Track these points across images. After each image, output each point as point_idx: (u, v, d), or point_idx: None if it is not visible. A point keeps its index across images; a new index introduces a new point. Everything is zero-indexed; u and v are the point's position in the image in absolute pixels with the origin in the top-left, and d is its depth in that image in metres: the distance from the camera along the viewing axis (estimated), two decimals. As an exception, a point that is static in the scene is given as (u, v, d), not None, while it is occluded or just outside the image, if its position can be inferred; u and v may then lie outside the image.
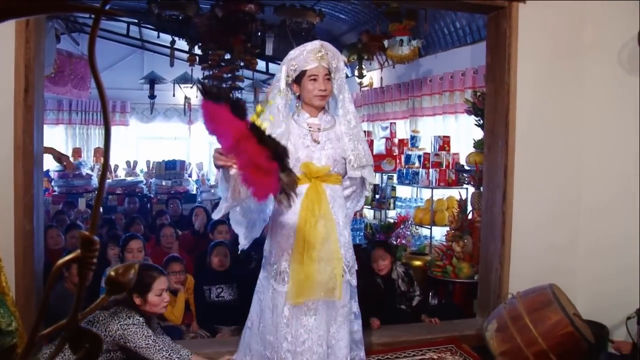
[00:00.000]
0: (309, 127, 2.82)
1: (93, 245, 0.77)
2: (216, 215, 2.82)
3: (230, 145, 2.27)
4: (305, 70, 2.74)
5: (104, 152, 0.78)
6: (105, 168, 0.80)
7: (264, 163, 2.18)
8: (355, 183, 2.99)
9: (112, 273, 0.83)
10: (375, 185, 7.32)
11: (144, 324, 2.99)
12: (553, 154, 4.14)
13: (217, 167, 2.51)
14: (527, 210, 4.05)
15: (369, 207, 7.48)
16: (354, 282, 2.89)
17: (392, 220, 6.68)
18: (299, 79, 2.78)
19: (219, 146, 2.38)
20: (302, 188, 2.72)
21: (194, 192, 9.67)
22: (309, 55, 2.73)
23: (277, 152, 2.25)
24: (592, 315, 3.91)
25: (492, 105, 4.15)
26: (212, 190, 9.60)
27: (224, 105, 2.21)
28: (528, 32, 4.00)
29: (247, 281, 4.58)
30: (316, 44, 2.77)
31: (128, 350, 2.93)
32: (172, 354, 2.94)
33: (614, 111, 4.02)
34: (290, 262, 2.74)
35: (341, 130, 2.86)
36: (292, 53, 2.79)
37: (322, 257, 2.72)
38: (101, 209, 8.22)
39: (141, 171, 10.32)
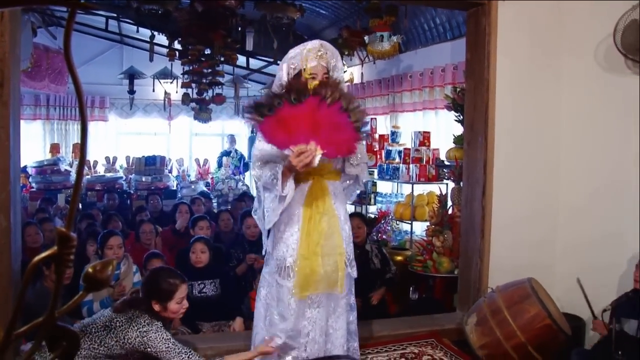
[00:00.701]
0: None
1: (70, 242, 0.76)
2: (268, 226, 2.93)
3: (304, 132, 2.59)
4: (305, 69, 2.81)
5: (80, 147, 0.77)
6: (82, 163, 0.80)
7: (344, 125, 2.59)
8: (350, 178, 3.07)
9: (90, 270, 0.82)
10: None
11: (162, 327, 2.89)
12: (532, 150, 4.18)
13: (303, 167, 2.61)
14: (507, 205, 4.10)
15: (350, 202, 7.49)
16: (354, 274, 2.99)
17: (372, 216, 6.72)
18: (298, 77, 2.84)
19: (291, 150, 2.60)
20: (306, 185, 2.86)
21: (175, 188, 9.61)
22: (308, 54, 2.81)
23: (346, 103, 2.69)
24: (569, 308, 3.98)
25: (472, 101, 4.18)
26: (193, 186, 9.54)
27: (274, 114, 2.61)
28: (507, 29, 4.04)
29: (229, 278, 4.59)
30: (316, 43, 2.86)
31: (148, 356, 2.84)
32: (191, 356, 2.86)
33: (592, 108, 4.07)
34: (295, 257, 2.82)
35: None
36: (292, 52, 2.88)
37: (326, 252, 2.83)
38: (80, 205, 8.18)
39: (121, 167, 10.22)
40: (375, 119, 7.41)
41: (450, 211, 5.11)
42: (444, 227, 5.00)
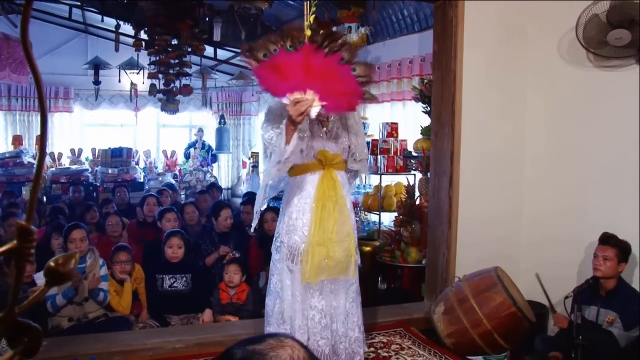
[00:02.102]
0: (318, 117, 2.96)
1: (30, 236, 0.74)
2: (266, 180, 2.99)
3: (300, 80, 2.61)
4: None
5: (40, 138, 0.75)
6: (42, 156, 0.78)
7: (346, 77, 2.63)
8: (351, 172, 3.22)
9: (52, 264, 0.80)
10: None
11: None
12: (498, 141, 4.25)
13: (299, 116, 2.63)
14: (473, 195, 4.15)
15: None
16: (359, 261, 3.12)
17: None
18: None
19: (288, 98, 2.62)
20: (317, 175, 2.97)
21: (142, 180, 9.49)
22: None
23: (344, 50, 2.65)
24: (533, 296, 4.06)
25: (439, 93, 4.22)
26: (160, 178, 9.44)
27: (270, 60, 2.63)
28: (474, 21, 4.08)
29: (201, 271, 4.56)
30: None
31: None
32: None
33: (556, 99, 4.15)
34: (308, 244, 2.91)
35: (346, 123, 3.08)
36: None
37: (340, 238, 2.95)
38: (45, 199, 8.02)
39: (86, 159, 10.05)
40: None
41: (417, 202, 5.16)
42: (411, 218, 5.05)
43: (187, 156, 10.60)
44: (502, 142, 4.27)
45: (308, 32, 2.75)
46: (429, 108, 4.73)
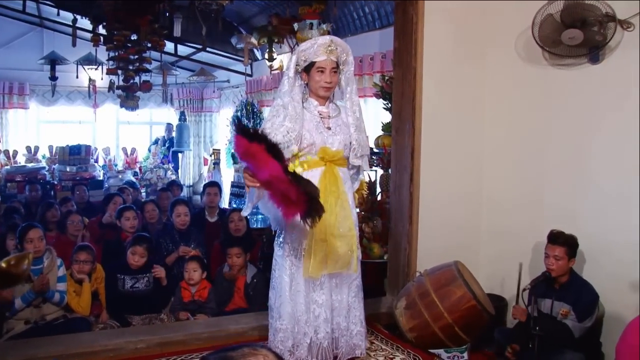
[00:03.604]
0: (320, 115, 3.12)
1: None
2: (245, 213, 3.18)
3: (265, 180, 2.67)
4: (315, 62, 3.01)
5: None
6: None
7: (294, 197, 2.61)
8: (353, 168, 3.31)
9: (4, 264, 0.79)
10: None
11: None
12: (458, 136, 4.31)
13: (247, 185, 2.84)
14: (434, 191, 4.21)
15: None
16: (360, 256, 3.24)
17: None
18: (308, 69, 3.05)
19: (245, 165, 2.75)
20: (318, 171, 3.05)
21: (101, 178, 9.33)
22: (319, 48, 3.00)
23: (306, 190, 2.67)
24: (492, 289, 4.14)
25: (400, 89, 4.25)
26: (120, 176, 9.29)
27: (259, 144, 2.61)
28: (434, 19, 4.12)
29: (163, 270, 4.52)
30: (326, 38, 3.06)
31: None
32: None
33: (513, 96, 4.23)
34: (310, 239, 2.99)
35: (347, 120, 3.17)
36: (304, 45, 3.07)
37: (342, 233, 3.04)
38: (-1, 198, 7.80)
39: (43, 157, 9.81)
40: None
41: (379, 198, 5.20)
42: (373, 214, 5.08)
43: (149, 150, 10.51)
44: (462, 138, 4.33)
45: (291, 168, 2.88)
46: (389, 105, 4.77)
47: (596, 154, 3.69)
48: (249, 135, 2.66)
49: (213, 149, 10.61)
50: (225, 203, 8.45)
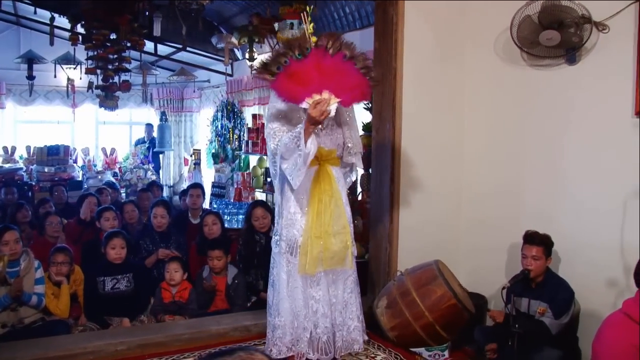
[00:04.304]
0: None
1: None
2: (297, 182, 3.09)
3: (317, 83, 2.87)
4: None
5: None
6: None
7: (354, 72, 2.96)
8: (347, 166, 3.44)
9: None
10: (266, 169, 7.38)
11: None
12: (438, 136, 4.35)
13: (319, 116, 2.87)
14: (414, 190, 4.24)
15: (261, 190, 7.49)
16: (356, 252, 3.34)
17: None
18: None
19: (307, 102, 2.88)
20: (312, 170, 3.15)
21: (80, 178, 9.23)
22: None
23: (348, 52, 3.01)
24: (472, 287, 4.18)
25: (380, 89, 4.27)
26: (99, 177, 9.20)
27: (284, 72, 2.94)
28: (414, 19, 4.15)
29: (143, 271, 4.48)
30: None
31: None
32: None
33: (492, 96, 4.28)
34: (306, 237, 3.12)
35: (340, 120, 3.28)
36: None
37: (336, 231, 3.16)
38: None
39: (20, 157, 9.66)
40: (287, 105, 7.39)
41: (360, 197, 5.22)
42: (354, 213, 5.09)
43: (135, 145, 10.46)
44: (442, 138, 4.37)
45: (314, 39, 3.01)
46: (370, 105, 4.79)
47: (573, 154, 3.75)
48: (270, 70, 2.94)
49: (194, 149, 10.55)
50: (206, 203, 8.41)
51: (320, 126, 3.13)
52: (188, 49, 8.38)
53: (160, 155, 11.07)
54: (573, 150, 3.75)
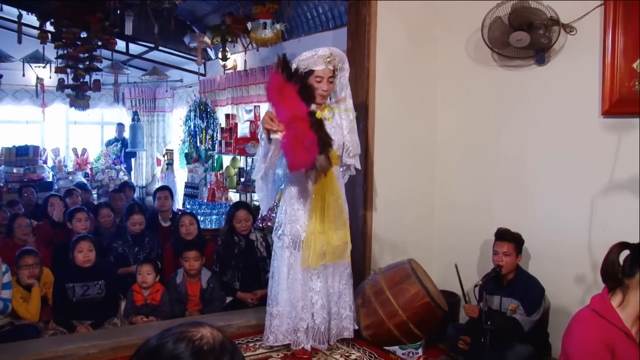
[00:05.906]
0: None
1: None
2: (256, 176, 3.46)
3: (286, 119, 3.06)
4: (313, 70, 3.33)
5: None
6: None
7: (308, 142, 3.00)
8: (345, 166, 3.61)
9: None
10: (239, 169, 7.35)
11: None
12: (410, 136, 4.38)
13: (265, 129, 3.17)
14: (387, 190, 4.26)
15: (234, 190, 7.46)
16: (351, 246, 3.55)
17: (257, 204, 6.72)
18: (307, 76, 3.34)
19: (272, 111, 3.17)
20: None
21: (50, 179, 9.07)
22: (319, 59, 3.33)
23: (323, 139, 3.10)
24: (445, 285, 4.22)
25: (353, 89, 4.27)
26: (70, 177, 9.05)
27: (293, 85, 3.14)
28: (386, 20, 4.18)
29: (115, 276, 4.41)
30: (326, 50, 3.37)
31: None
32: None
33: (465, 95, 4.33)
34: (309, 232, 3.33)
35: (341, 122, 3.48)
36: (305, 55, 3.36)
37: (338, 226, 3.39)
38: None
39: (-13, 158, 9.47)
40: (259, 106, 7.37)
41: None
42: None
43: (107, 145, 10.37)
44: (414, 137, 4.41)
45: (319, 115, 3.32)
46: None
47: (542, 153, 3.81)
48: (289, 73, 3.13)
49: (166, 150, 10.45)
50: (179, 204, 8.34)
51: (327, 120, 3.36)
52: (160, 48, 8.29)
53: (132, 158, 10.94)
54: (542, 150, 3.81)
